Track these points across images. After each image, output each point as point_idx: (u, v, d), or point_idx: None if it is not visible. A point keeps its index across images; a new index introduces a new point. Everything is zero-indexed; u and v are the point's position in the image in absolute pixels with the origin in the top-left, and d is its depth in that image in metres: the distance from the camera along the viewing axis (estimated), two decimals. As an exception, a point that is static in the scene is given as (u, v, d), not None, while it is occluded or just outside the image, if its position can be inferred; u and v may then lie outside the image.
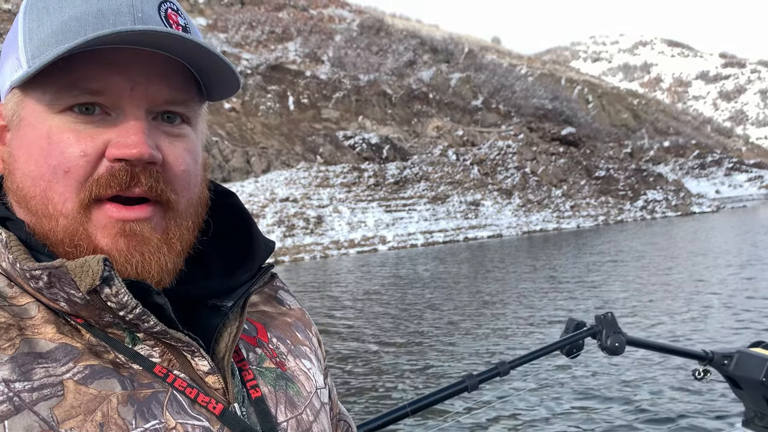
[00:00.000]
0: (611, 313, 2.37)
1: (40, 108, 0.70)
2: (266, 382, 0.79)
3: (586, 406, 6.72)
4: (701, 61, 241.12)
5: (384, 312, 13.42)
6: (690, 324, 10.35)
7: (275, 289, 0.93)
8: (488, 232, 37.06)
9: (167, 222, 0.73)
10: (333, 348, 10.29)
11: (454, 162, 46.21)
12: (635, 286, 14.88)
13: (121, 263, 0.69)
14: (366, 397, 7.43)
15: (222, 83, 0.75)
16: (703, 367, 2.49)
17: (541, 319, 11.53)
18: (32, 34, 0.69)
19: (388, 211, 37.78)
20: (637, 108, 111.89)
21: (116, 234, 0.70)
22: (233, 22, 57.65)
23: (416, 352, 9.64)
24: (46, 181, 0.69)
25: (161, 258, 0.71)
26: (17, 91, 0.72)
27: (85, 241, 0.69)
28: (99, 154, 0.69)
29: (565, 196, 45.50)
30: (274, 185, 37.57)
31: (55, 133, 0.69)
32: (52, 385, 0.64)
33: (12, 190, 0.73)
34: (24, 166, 0.71)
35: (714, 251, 21.37)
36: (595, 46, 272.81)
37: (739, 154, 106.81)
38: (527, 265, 21.25)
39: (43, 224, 0.70)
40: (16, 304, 0.68)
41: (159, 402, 0.68)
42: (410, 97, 54.65)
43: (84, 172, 0.69)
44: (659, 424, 6.15)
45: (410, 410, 1.90)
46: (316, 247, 31.82)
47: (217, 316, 0.76)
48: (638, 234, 32.93)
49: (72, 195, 0.69)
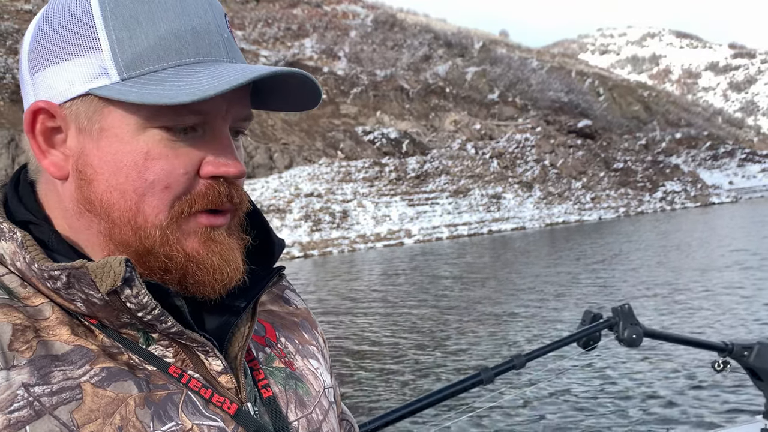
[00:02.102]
0: (628, 305, 2.34)
1: (132, 122, 0.69)
2: (276, 381, 0.80)
3: (602, 398, 6.65)
4: (710, 52, 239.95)
5: (404, 305, 13.52)
6: (709, 316, 10.14)
7: (282, 288, 0.95)
8: (511, 225, 37.31)
9: (235, 225, 0.77)
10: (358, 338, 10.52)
11: (473, 156, 46.44)
12: (655, 276, 14.77)
13: (212, 265, 0.72)
14: (388, 389, 7.49)
15: (303, 98, 0.76)
16: (723, 359, 2.44)
17: (561, 310, 11.48)
18: (123, 43, 0.68)
19: (411, 205, 38.07)
20: (648, 100, 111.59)
21: (206, 240, 0.72)
22: (249, 19, 57.99)
23: (431, 345, 9.61)
24: (139, 195, 0.70)
25: (237, 258, 0.74)
26: (97, 99, 0.69)
27: (175, 249, 0.71)
28: (196, 171, 0.71)
29: (585, 188, 45.67)
30: (297, 181, 37.92)
31: (153, 150, 0.69)
32: (70, 388, 0.64)
33: (89, 199, 0.71)
34: (111, 178, 0.70)
35: (750, 246, 21.12)
36: (603, 39, 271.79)
37: (751, 145, 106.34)
38: (552, 257, 21.48)
39: (123, 233, 0.71)
40: (30, 305, 0.68)
41: (174, 403, 0.68)
42: (427, 91, 54.87)
43: (184, 189, 0.70)
44: (677, 417, 6.05)
45: (426, 403, 1.90)
46: (343, 241, 32.18)
47: (230, 316, 0.77)
48: (662, 225, 33.06)
49: (166, 208, 0.70)
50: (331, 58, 55.41)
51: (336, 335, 10.91)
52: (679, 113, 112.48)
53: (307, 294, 16.81)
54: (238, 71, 0.67)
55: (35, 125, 0.73)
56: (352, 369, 8.60)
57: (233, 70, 0.67)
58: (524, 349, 9.13)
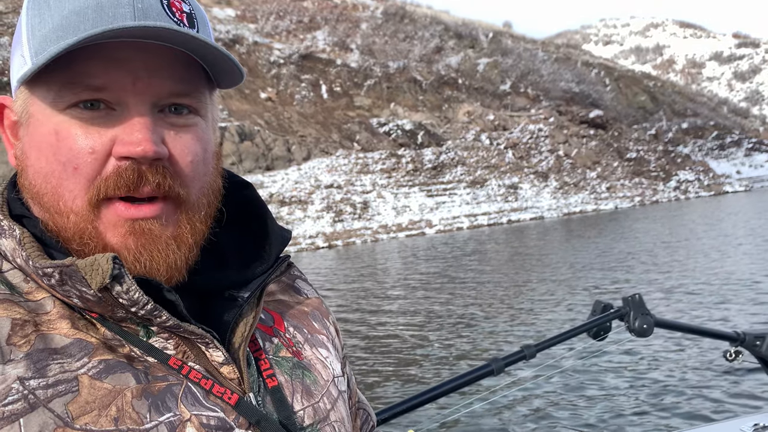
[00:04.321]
0: (639, 295, 2.32)
1: (46, 104, 0.69)
2: (283, 371, 0.79)
3: (612, 389, 6.58)
4: (714, 42, 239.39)
5: (423, 296, 13.48)
6: (722, 306, 9.90)
7: (293, 278, 0.94)
8: (530, 215, 37.62)
9: (178, 215, 0.73)
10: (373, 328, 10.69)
11: (488, 146, 46.70)
12: (669, 267, 14.49)
13: (131, 262, 0.69)
14: (392, 380, 7.43)
15: (226, 72, 0.74)
16: (735, 348, 2.43)
17: (573, 300, 11.34)
18: (34, 30, 0.69)
19: (430, 195, 38.39)
20: (653, 90, 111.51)
21: (126, 233, 0.70)
22: (261, 12, 58.11)
23: (446, 334, 9.54)
24: (57, 178, 0.69)
25: (170, 255, 0.71)
26: (24, 87, 0.71)
27: (94, 239, 0.69)
28: (107, 151, 0.69)
29: (600, 178, 45.94)
30: (317, 172, 38.23)
31: (63, 129, 0.68)
32: (66, 381, 0.64)
33: (25, 186, 0.73)
34: (35, 162, 0.71)
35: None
36: (606, 29, 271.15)
37: (757, 134, 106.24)
38: (572, 246, 21.74)
39: (55, 221, 0.70)
40: (32, 300, 0.68)
41: (174, 394, 0.68)
42: (440, 83, 55.06)
43: (92, 170, 0.68)
44: (689, 408, 5.96)
45: (436, 394, 1.90)
46: (366, 232, 32.51)
47: (233, 307, 0.77)
48: (680, 214, 33.27)
49: (82, 192, 0.69)
50: (343, 51, 55.57)
51: (354, 323, 10.96)
52: (685, 103, 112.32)
53: (342, 283, 17.12)
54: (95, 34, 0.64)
55: (3, 119, 0.76)
56: (366, 359, 8.53)
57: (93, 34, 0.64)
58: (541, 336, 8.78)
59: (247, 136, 37.93)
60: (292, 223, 32.14)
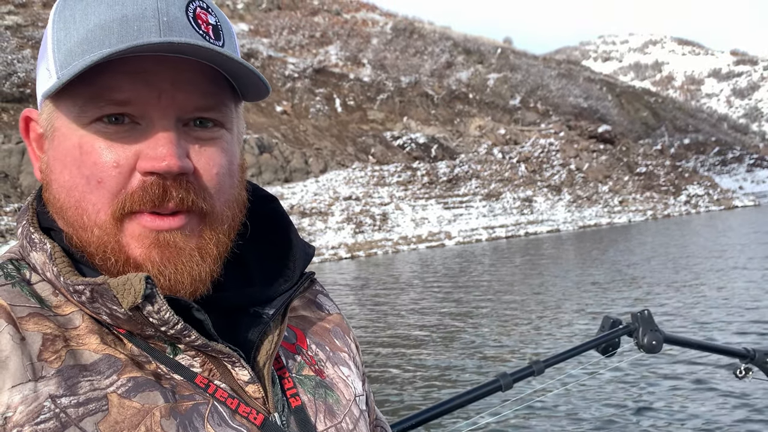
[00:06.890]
0: (648, 311, 2.29)
1: (70, 119, 0.69)
2: (306, 390, 0.78)
3: (621, 406, 6.52)
4: (713, 59, 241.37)
5: (431, 307, 13.49)
6: (732, 323, 9.77)
7: (315, 293, 0.93)
8: (546, 227, 38.07)
9: (202, 227, 0.72)
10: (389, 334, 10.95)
11: (500, 160, 47.27)
12: (681, 282, 14.29)
13: (155, 274, 0.69)
14: (402, 394, 7.39)
15: (252, 85, 0.73)
16: (745, 365, 2.40)
17: (582, 315, 11.28)
18: (60, 43, 0.68)
19: (447, 208, 38.85)
20: (655, 106, 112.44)
21: (150, 244, 0.69)
22: (274, 27, 58.88)
23: (452, 349, 9.49)
24: (80, 192, 0.68)
25: (194, 267, 0.71)
26: (49, 101, 0.71)
27: (116, 252, 0.69)
28: (131, 165, 0.68)
29: (612, 192, 46.46)
30: (334, 184, 38.68)
31: (87, 143, 0.68)
32: (96, 399, 0.64)
33: (50, 201, 0.72)
34: (59, 176, 0.70)
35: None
36: (605, 46, 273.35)
37: (757, 150, 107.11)
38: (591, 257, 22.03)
39: (79, 235, 0.70)
40: (61, 314, 0.68)
41: (200, 414, 0.67)
42: (451, 97, 55.78)
43: (117, 184, 0.68)
44: (698, 425, 5.89)
45: (444, 409, 1.87)
46: (386, 243, 32.90)
47: (258, 324, 0.76)
48: (693, 228, 33.56)
49: (105, 206, 0.68)
50: (356, 65, 56.28)
51: (371, 330, 10.99)
52: (686, 119, 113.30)
53: (358, 290, 17.42)
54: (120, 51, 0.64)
55: (29, 132, 0.76)
56: (380, 369, 8.51)
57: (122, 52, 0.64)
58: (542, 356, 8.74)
59: (266, 149, 38.41)
60: (314, 234, 32.52)
